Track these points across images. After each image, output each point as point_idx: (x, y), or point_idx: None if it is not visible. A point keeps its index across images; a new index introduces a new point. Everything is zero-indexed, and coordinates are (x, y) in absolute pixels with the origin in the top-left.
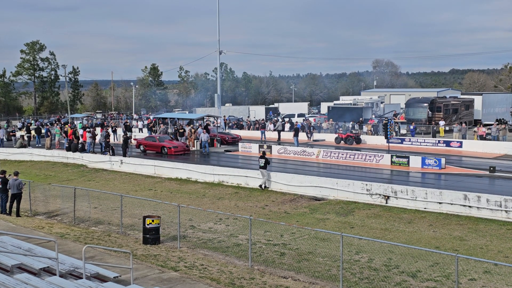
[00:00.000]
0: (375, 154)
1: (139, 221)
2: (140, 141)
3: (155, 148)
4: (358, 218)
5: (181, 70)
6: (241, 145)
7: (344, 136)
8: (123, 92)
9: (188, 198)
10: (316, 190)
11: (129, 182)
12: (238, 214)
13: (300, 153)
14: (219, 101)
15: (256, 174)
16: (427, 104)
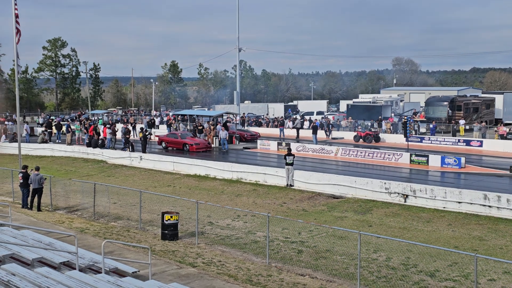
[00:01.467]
0: (394, 152)
1: (157, 217)
2: (162, 138)
3: (177, 145)
4: (376, 217)
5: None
6: (259, 142)
7: (363, 134)
8: (143, 89)
9: (206, 194)
10: (335, 188)
11: (148, 178)
12: (256, 211)
13: (319, 151)
14: (238, 98)
15: (274, 171)
16: (447, 102)
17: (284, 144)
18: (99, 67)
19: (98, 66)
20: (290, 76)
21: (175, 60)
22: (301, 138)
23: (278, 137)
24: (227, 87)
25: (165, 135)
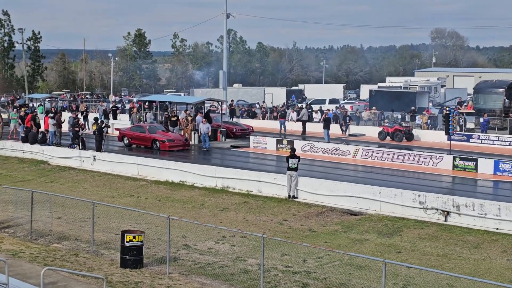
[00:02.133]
0: (431, 155)
1: (116, 237)
2: (124, 132)
3: (144, 142)
4: (407, 240)
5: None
6: (253, 139)
7: (391, 130)
8: (98, 66)
9: (181, 208)
10: (352, 202)
11: (104, 186)
12: (248, 231)
13: (332, 152)
14: (225, 80)
15: (272, 178)
16: (503, 89)
17: (286, 142)
18: (40, 37)
19: (38, 36)
20: (294, 52)
21: (142, 29)
22: (309, 134)
23: (277, 132)
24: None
25: (128, 128)
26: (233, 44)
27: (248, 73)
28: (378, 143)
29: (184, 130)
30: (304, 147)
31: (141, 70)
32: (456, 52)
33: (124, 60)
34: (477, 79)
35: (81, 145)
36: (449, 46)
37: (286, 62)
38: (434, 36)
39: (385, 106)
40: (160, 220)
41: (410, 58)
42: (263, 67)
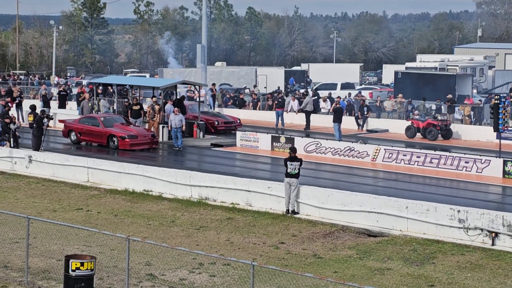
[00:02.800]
0: (475, 158)
1: (58, 263)
2: (71, 125)
3: (98, 138)
4: (442, 270)
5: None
6: (240, 135)
7: (423, 125)
8: (36, 38)
9: (145, 226)
10: (370, 219)
11: (43, 196)
12: (233, 256)
13: (344, 153)
14: (205, 57)
15: (265, 187)
16: None
17: (284, 139)
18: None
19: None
20: (296, 20)
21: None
22: (314, 129)
23: (273, 126)
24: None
25: (76, 120)
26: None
27: (235, 49)
28: (405, 141)
29: (149, 122)
30: (308, 147)
31: (93, 43)
32: (509, 23)
33: (70, 29)
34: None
35: (12, 142)
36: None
37: (285, 34)
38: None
39: (415, 93)
40: (117, 241)
41: (448, 30)
42: (255, 41)
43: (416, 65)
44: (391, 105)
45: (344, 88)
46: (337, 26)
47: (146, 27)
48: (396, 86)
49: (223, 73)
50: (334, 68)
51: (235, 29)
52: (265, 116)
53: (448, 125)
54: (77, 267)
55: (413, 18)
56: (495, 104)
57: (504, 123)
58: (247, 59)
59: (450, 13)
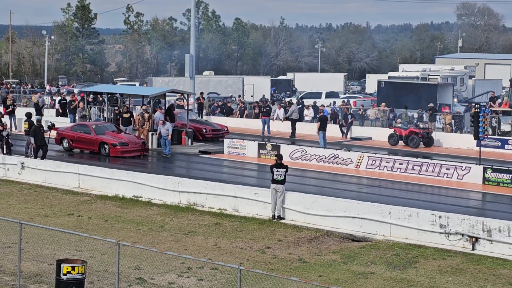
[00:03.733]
0: (456, 165)
1: (50, 268)
2: (64, 133)
3: (90, 145)
4: (424, 274)
5: (129, 12)
6: (228, 143)
7: (405, 132)
8: (28, 47)
9: (135, 231)
10: (354, 224)
11: (35, 201)
12: (220, 261)
13: (329, 160)
14: (193, 66)
15: (252, 193)
16: None
17: (270, 147)
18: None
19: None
20: (282, 31)
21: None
22: (299, 137)
23: (259, 134)
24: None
25: (69, 128)
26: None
27: (223, 58)
28: (388, 149)
29: (139, 130)
30: (294, 154)
31: (85, 52)
32: (489, 34)
33: (62, 39)
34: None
35: (5, 149)
36: (480, 25)
37: (271, 45)
38: (461, 12)
39: (398, 101)
40: (107, 246)
41: (430, 41)
42: (242, 51)
43: (399, 75)
44: (374, 113)
45: (328, 97)
46: (322, 36)
47: (136, 37)
48: (379, 95)
49: (211, 82)
50: (319, 78)
51: (222, 39)
52: (251, 124)
53: (429, 133)
54: (68, 271)
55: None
56: (475, 112)
57: (484, 131)
58: (234, 69)
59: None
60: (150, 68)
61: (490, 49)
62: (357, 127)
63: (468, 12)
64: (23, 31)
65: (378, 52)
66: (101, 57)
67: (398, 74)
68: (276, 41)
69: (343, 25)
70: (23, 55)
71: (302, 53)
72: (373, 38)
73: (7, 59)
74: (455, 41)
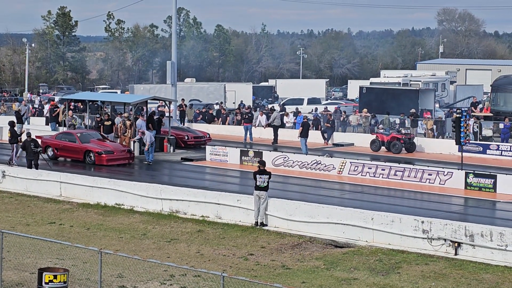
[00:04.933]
0: (438, 170)
1: (31, 276)
2: (48, 141)
3: (75, 154)
4: (407, 279)
5: (110, 19)
6: (210, 150)
7: (387, 138)
8: (9, 55)
9: (117, 239)
10: (337, 230)
11: (16, 210)
12: (203, 268)
13: (311, 166)
14: (175, 74)
15: (234, 200)
16: None
17: (253, 153)
18: None
19: None
20: (263, 37)
21: (66, 7)
22: (281, 143)
23: (242, 141)
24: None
25: (53, 136)
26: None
27: (204, 65)
28: (370, 155)
29: (120, 138)
30: (276, 160)
31: (65, 60)
32: (469, 40)
33: (43, 47)
34: (496, 73)
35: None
36: (461, 31)
37: (253, 51)
38: (442, 18)
39: (379, 107)
40: (89, 254)
41: (411, 46)
42: (224, 57)
43: (380, 81)
44: (356, 119)
45: (310, 103)
46: (303, 43)
47: (117, 45)
48: (361, 101)
49: (193, 89)
50: (300, 84)
51: (204, 46)
52: (233, 131)
53: (411, 138)
54: (50, 280)
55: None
56: (456, 118)
57: (465, 137)
58: (216, 75)
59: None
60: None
61: (471, 54)
62: (339, 133)
63: (449, 18)
64: (3, 38)
65: (360, 58)
66: (82, 64)
67: (380, 80)
68: (257, 48)
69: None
70: (3, 63)
71: (284, 59)
72: (354, 44)
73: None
74: (436, 47)
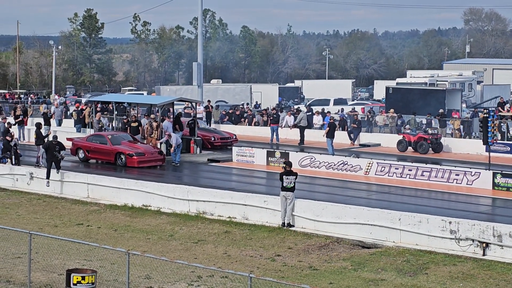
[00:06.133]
0: (466, 170)
1: (60, 278)
2: (79, 143)
3: (106, 156)
4: (434, 280)
5: (136, 21)
6: (236, 151)
7: (414, 138)
8: (36, 57)
9: (144, 240)
10: (364, 231)
11: (44, 211)
12: (230, 269)
13: (338, 167)
14: (201, 75)
15: (261, 201)
16: None
17: (279, 154)
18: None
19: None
20: (289, 38)
21: (92, 9)
22: (308, 144)
23: (268, 142)
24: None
25: (84, 138)
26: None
27: (230, 66)
28: (397, 155)
29: (147, 139)
30: (303, 161)
31: (92, 62)
32: (496, 39)
33: (69, 49)
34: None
35: (13, 159)
36: (487, 31)
37: (279, 52)
38: (468, 18)
39: (406, 107)
40: (117, 255)
41: (437, 46)
42: (249, 59)
43: (407, 81)
44: (383, 119)
45: (336, 103)
46: (329, 43)
47: (143, 46)
48: (388, 101)
49: (219, 90)
50: (326, 85)
51: (230, 47)
52: (260, 132)
53: (438, 138)
54: (78, 281)
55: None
56: (484, 118)
57: (493, 136)
58: (242, 77)
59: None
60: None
61: (497, 54)
62: (366, 134)
63: (475, 17)
64: (31, 41)
65: (386, 58)
66: (108, 66)
67: (406, 80)
68: (283, 49)
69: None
70: (31, 65)
71: (310, 60)
72: (380, 45)
73: (15, 69)
74: (463, 47)
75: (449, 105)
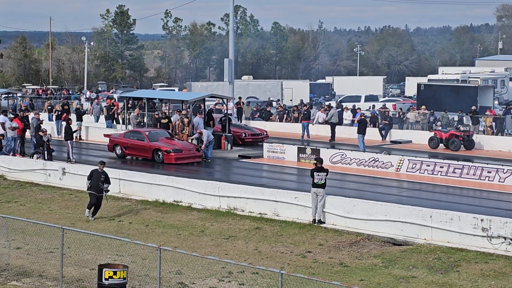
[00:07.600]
0: (498, 168)
1: (91, 272)
2: (117, 140)
3: (143, 152)
4: (466, 278)
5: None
6: (267, 147)
7: (446, 135)
8: (68, 53)
9: (175, 235)
10: (395, 228)
11: (76, 207)
12: (261, 265)
13: (369, 163)
14: (232, 71)
15: (292, 198)
16: None
17: (310, 151)
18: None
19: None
20: (320, 35)
21: (124, 5)
22: (338, 141)
23: (299, 138)
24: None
25: (122, 134)
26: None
27: (261, 62)
28: (428, 152)
29: (178, 135)
30: (334, 158)
31: (124, 58)
32: None
33: (101, 45)
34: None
35: (46, 155)
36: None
37: (310, 48)
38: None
39: (437, 104)
40: (148, 251)
41: (469, 43)
42: (280, 55)
43: (438, 77)
44: (414, 116)
45: (368, 100)
46: (360, 40)
47: (175, 42)
48: (419, 98)
49: (250, 86)
50: (357, 81)
51: (261, 43)
52: (291, 128)
53: (470, 135)
54: (110, 276)
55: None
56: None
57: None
58: (273, 73)
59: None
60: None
61: None
62: (397, 131)
63: (508, 13)
64: (63, 37)
65: (417, 55)
66: (140, 62)
67: (438, 77)
68: (314, 45)
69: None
70: (63, 61)
71: (341, 56)
72: (412, 41)
73: (47, 65)
74: (495, 43)
75: (481, 102)
